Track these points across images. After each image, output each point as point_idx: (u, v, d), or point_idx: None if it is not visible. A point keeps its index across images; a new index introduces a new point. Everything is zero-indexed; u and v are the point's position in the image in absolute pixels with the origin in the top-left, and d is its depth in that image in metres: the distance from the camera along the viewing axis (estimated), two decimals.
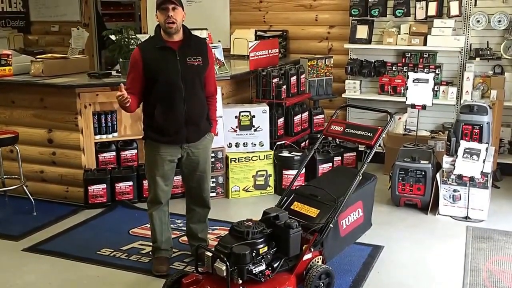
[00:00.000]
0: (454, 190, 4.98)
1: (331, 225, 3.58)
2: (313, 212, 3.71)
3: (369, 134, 3.91)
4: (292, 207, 3.81)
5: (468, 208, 4.95)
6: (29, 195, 5.17)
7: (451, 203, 5.01)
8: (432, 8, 6.18)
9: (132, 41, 5.27)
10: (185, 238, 4.49)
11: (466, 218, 4.95)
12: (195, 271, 3.48)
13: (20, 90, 5.40)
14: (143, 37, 5.61)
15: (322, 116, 6.61)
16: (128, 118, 5.43)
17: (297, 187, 4.21)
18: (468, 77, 6.10)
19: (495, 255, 4.29)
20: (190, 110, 3.74)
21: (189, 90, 3.75)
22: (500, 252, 4.35)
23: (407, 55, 6.51)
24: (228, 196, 5.59)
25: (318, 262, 3.62)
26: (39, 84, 5.22)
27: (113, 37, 5.28)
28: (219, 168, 5.52)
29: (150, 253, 4.20)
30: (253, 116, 5.63)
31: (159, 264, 4.01)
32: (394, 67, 6.59)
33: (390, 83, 6.49)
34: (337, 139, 5.93)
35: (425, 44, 6.23)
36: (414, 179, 5.14)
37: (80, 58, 6.26)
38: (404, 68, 6.50)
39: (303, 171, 5.32)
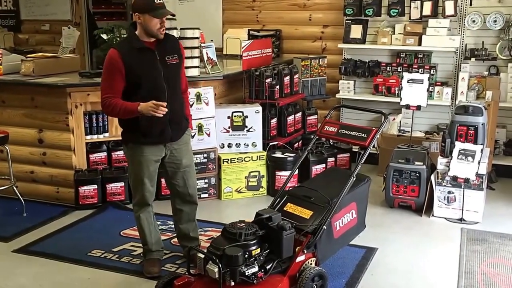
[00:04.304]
0: (449, 192, 4.96)
1: (324, 226, 3.56)
2: (306, 213, 3.69)
3: (363, 135, 3.89)
4: (285, 208, 3.79)
5: (463, 210, 4.92)
6: (19, 195, 5.13)
7: (445, 204, 4.99)
8: (427, 8, 6.15)
9: None
10: (177, 239, 4.47)
11: (461, 220, 4.92)
12: (187, 273, 3.47)
13: (11, 90, 5.35)
14: None
15: (315, 116, 6.58)
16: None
17: (290, 188, 4.19)
18: (463, 78, 6.07)
19: (490, 257, 4.27)
20: (173, 109, 3.70)
21: (171, 89, 3.75)
22: (495, 254, 4.33)
23: (401, 55, 6.49)
24: (221, 197, 5.55)
25: (311, 264, 3.60)
26: (30, 84, 5.20)
27: (104, 36, 5.27)
28: (212, 169, 5.48)
29: (142, 254, 4.16)
30: (246, 117, 5.59)
31: (150, 266, 3.99)
32: (388, 67, 6.56)
33: (385, 83, 6.46)
34: (330, 140, 5.90)
35: (419, 44, 6.21)
36: (408, 181, 5.11)
37: (71, 57, 6.22)
38: (399, 68, 6.47)
39: (296, 172, 5.28)
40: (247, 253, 3.26)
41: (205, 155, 5.42)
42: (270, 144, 5.77)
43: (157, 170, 3.93)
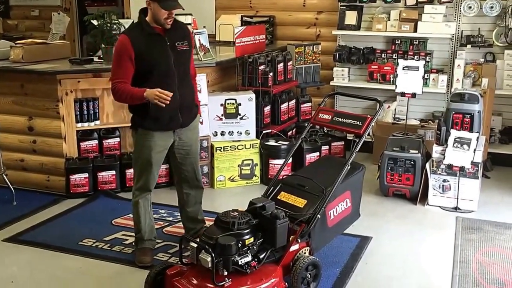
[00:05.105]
0: (444, 180, 4.93)
1: (318, 215, 3.54)
2: (300, 202, 3.68)
3: (358, 122, 3.86)
4: (279, 197, 3.78)
5: (458, 198, 4.90)
6: (9, 184, 5.09)
7: (440, 193, 4.96)
8: None
9: (115, 26, 5.19)
10: (169, 228, 4.50)
11: (456, 208, 4.90)
12: (179, 262, 3.44)
13: (0, 77, 5.27)
14: (126, 22, 5.52)
15: (309, 104, 6.54)
16: (110, 105, 5.35)
17: (284, 177, 4.16)
18: (459, 65, 6.02)
19: (485, 246, 4.26)
20: (183, 95, 3.77)
21: (181, 75, 3.78)
22: (490, 243, 4.31)
23: (396, 42, 6.43)
24: (213, 186, 5.51)
25: (305, 253, 3.59)
26: (19, 70, 5.15)
27: (95, 22, 5.22)
28: (204, 157, 5.43)
29: (133, 243, 4.13)
30: (239, 104, 5.54)
31: (142, 255, 3.97)
32: (383, 54, 6.49)
33: (379, 70, 6.41)
34: (325, 128, 5.86)
35: (415, 30, 6.16)
36: (403, 169, 5.08)
37: (61, 43, 6.17)
38: (394, 55, 6.41)
39: (290, 160, 5.24)
40: (240, 242, 3.24)
41: None
42: (264, 132, 5.74)
43: (164, 157, 3.95)
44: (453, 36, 6.11)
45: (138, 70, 3.67)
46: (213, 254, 3.12)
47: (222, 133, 5.55)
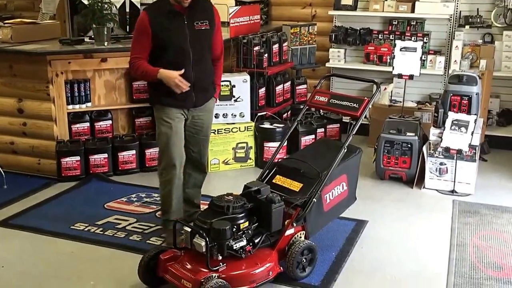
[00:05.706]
0: (441, 163, 4.90)
1: (314, 199, 3.51)
2: (296, 186, 3.65)
3: (355, 105, 3.80)
4: (274, 180, 3.75)
5: (454, 181, 4.87)
6: None
7: (437, 176, 4.93)
8: None
9: (106, 5, 5.12)
10: None
11: (453, 192, 4.87)
12: (173, 247, 3.41)
13: None
14: (117, 2, 5.43)
15: (304, 86, 6.50)
16: (102, 87, 5.30)
17: (279, 160, 4.11)
18: (457, 46, 5.97)
19: (482, 229, 4.24)
20: (198, 75, 3.77)
21: (197, 55, 3.77)
22: (487, 226, 4.29)
23: (394, 23, 6.38)
24: (208, 169, 5.43)
25: (300, 237, 3.57)
26: (8, 51, 5.08)
27: (85, 2, 5.14)
28: None
29: (161, 226, 4.07)
30: (233, 86, 5.49)
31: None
32: (380, 35, 6.45)
33: (376, 52, 6.36)
34: (320, 110, 5.80)
35: (412, 11, 6.09)
36: (399, 152, 5.05)
37: (51, 23, 6.09)
38: (391, 36, 6.37)
39: (285, 143, 5.19)
40: (235, 226, 3.23)
41: None
42: (258, 114, 5.69)
43: (183, 130, 3.90)
44: (451, 17, 6.06)
45: (154, 47, 3.70)
46: (207, 239, 3.10)
47: (216, 116, 5.47)
